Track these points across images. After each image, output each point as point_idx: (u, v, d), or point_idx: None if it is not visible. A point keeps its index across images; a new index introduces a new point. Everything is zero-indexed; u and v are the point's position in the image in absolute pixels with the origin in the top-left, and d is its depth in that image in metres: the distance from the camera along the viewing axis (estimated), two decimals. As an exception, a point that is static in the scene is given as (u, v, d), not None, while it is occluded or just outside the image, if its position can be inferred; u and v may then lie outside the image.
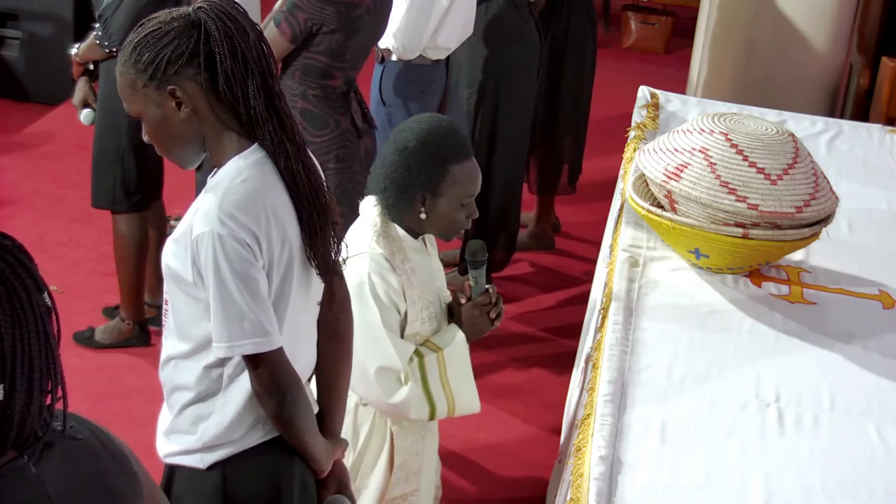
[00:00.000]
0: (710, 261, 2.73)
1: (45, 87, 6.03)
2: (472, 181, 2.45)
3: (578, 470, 2.11)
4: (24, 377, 1.28)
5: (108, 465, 1.41)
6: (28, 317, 1.29)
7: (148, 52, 1.88)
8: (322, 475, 2.15)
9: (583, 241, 5.19)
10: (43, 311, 1.31)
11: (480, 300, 2.58)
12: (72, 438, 1.37)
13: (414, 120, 2.49)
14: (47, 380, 1.32)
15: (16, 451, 1.30)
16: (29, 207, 5.03)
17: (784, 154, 2.64)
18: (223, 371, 2.00)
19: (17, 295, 1.28)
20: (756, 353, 2.50)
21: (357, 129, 3.43)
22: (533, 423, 3.90)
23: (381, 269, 2.42)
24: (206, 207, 1.90)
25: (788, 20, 4.95)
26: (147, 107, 1.92)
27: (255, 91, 1.91)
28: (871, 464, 2.18)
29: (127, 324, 4.07)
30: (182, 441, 2.05)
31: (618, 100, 6.16)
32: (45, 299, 1.32)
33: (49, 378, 1.32)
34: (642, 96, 3.84)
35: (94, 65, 3.83)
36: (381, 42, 3.96)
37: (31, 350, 1.29)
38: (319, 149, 3.35)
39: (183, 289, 1.96)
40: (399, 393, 2.44)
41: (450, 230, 2.50)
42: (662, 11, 8.29)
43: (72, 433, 1.37)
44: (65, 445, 1.36)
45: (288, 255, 1.97)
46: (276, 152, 1.95)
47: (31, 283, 1.30)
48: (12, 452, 1.30)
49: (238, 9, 1.93)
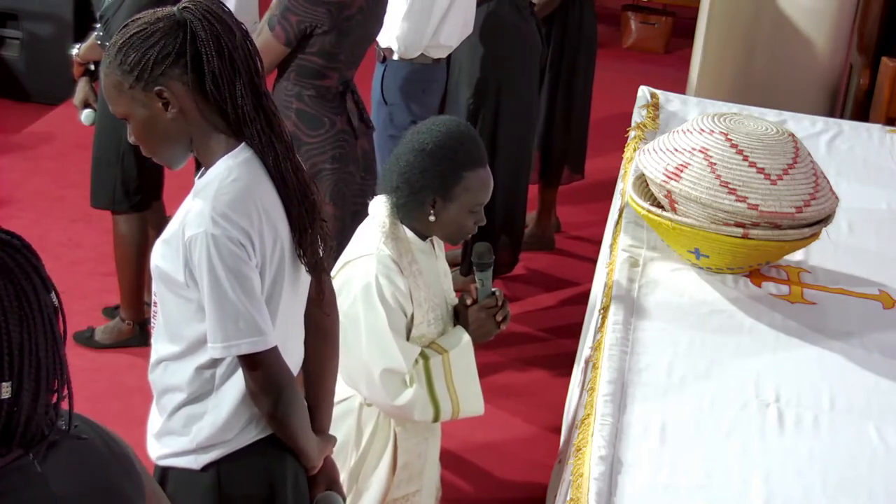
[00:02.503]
0: (710, 261, 2.73)
1: (45, 87, 6.02)
2: (485, 189, 2.46)
3: (578, 470, 2.11)
4: (31, 375, 1.28)
5: (111, 465, 1.41)
6: (35, 315, 1.29)
7: (134, 53, 1.88)
8: (313, 472, 2.16)
9: (583, 241, 5.19)
10: (50, 311, 1.31)
11: (487, 303, 2.58)
12: (76, 438, 1.37)
13: (433, 122, 2.48)
14: (54, 378, 1.32)
15: (21, 449, 1.30)
16: (29, 207, 5.03)
17: (784, 154, 2.64)
18: (215, 371, 2.00)
19: (24, 294, 1.28)
20: (756, 353, 2.51)
21: (353, 130, 3.41)
22: (533, 423, 3.90)
23: (388, 270, 2.41)
24: (197, 209, 1.90)
25: (788, 20, 4.95)
26: (133, 108, 1.92)
27: (243, 90, 1.91)
28: (871, 464, 2.18)
29: (127, 324, 4.07)
30: (175, 443, 2.05)
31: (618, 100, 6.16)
32: (52, 299, 1.32)
33: (56, 377, 1.32)
34: (642, 96, 3.84)
35: (94, 65, 3.83)
36: (382, 41, 3.96)
37: (38, 348, 1.29)
38: (315, 149, 3.34)
39: (173, 290, 1.96)
40: (404, 395, 2.44)
41: (456, 235, 2.50)
42: (662, 11, 8.28)
43: (76, 432, 1.38)
44: (70, 445, 1.36)
45: (279, 252, 1.97)
46: (265, 151, 1.95)
47: (39, 282, 1.30)
48: (18, 451, 1.30)
49: (223, 8, 1.93)
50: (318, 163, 3.33)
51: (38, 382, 1.29)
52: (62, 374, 1.33)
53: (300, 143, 3.31)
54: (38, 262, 1.32)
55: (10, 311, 1.27)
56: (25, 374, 1.28)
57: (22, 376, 1.27)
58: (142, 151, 2.00)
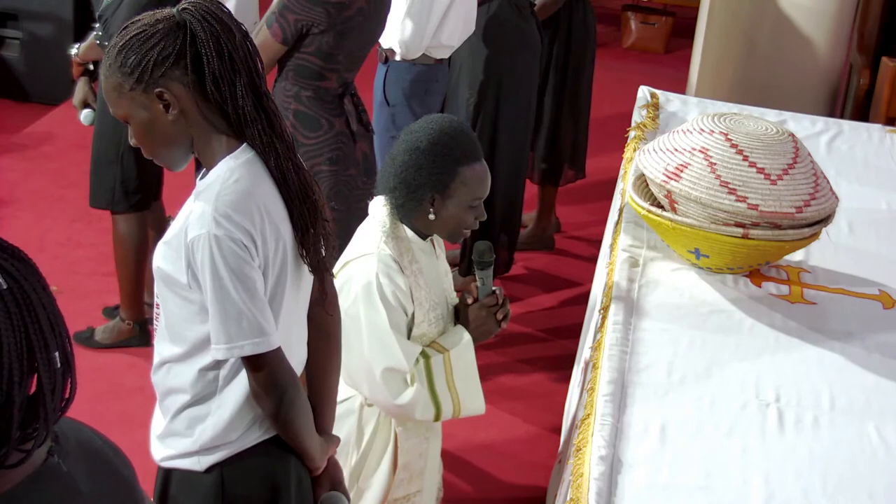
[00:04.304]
0: (710, 261, 2.73)
1: (45, 87, 6.02)
2: (482, 183, 2.45)
3: (578, 470, 2.11)
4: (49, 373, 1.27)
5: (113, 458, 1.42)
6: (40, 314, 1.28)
7: (133, 55, 1.88)
8: (317, 473, 2.16)
9: (583, 241, 5.19)
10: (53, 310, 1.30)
11: (487, 301, 2.58)
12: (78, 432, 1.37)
13: (425, 120, 2.48)
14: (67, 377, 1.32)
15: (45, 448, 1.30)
16: (29, 207, 5.03)
17: (784, 154, 2.64)
18: (218, 373, 2.00)
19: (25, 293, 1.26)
20: (756, 353, 2.51)
21: (352, 132, 3.40)
22: (533, 424, 3.90)
23: (388, 269, 2.41)
24: (200, 210, 1.89)
25: (788, 20, 4.95)
26: (134, 110, 1.92)
27: (243, 91, 1.91)
28: (871, 463, 2.18)
29: (127, 324, 4.07)
30: (178, 444, 2.05)
31: (618, 100, 6.17)
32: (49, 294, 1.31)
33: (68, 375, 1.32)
34: (642, 96, 3.84)
35: (93, 65, 3.83)
36: (383, 42, 3.95)
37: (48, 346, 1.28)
38: (312, 150, 3.33)
39: (176, 291, 1.96)
40: (405, 394, 2.44)
41: (457, 232, 2.50)
42: (662, 11, 8.29)
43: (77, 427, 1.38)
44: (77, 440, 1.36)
45: (282, 253, 1.97)
46: (266, 151, 1.95)
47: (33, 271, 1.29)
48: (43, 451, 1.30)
49: (223, 8, 1.93)
50: (315, 164, 3.32)
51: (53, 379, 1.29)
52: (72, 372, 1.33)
53: (298, 144, 3.30)
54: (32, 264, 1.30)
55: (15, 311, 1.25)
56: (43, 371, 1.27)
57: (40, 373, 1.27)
58: (143, 153, 2.00)
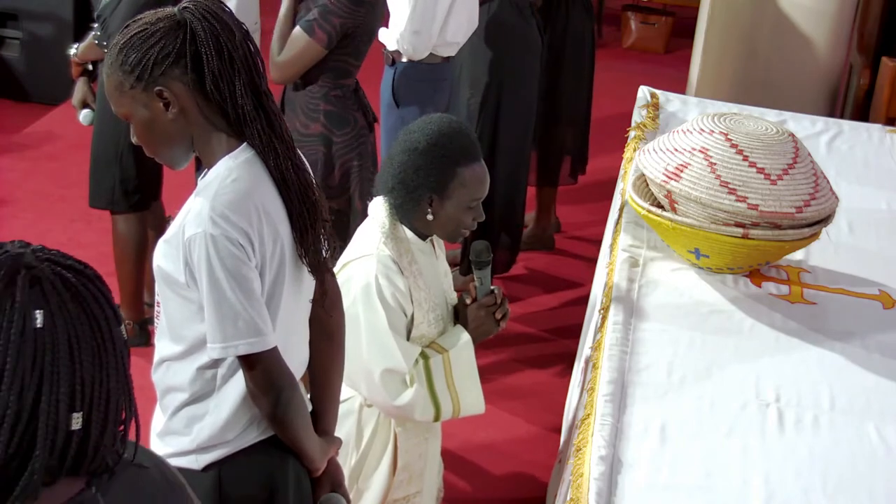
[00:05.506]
0: (710, 261, 2.73)
1: (45, 87, 6.02)
2: (480, 184, 2.45)
3: (578, 470, 2.11)
4: (100, 407, 1.28)
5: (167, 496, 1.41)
6: (108, 347, 1.28)
7: (134, 54, 1.88)
8: (317, 474, 2.15)
9: (583, 241, 5.19)
10: (121, 343, 1.31)
11: (486, 301, 2.58)
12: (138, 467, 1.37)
13: (424, 121, 2.47)
14: (122, 409, 1.32)
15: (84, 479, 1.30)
16: (29, 207, 5.03)
17: (784, 154, 2.64)
18: (217, 372, 2.00)
19: (98, 324, 1.28)
20: (756, 353, 2.50)
21: (369, 125, 3.50)
22: (533, 424, 3.90)
23: (388, 270, 2.41)
24: (197, 209, 1.90)
25: (788, 20, 4.95)
26: (135, 108, 1.93)
27: (243, 90, 1.91)
28: (871, 463, 2.18)
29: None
30: (176, 442, 2.05)
31: (618, 100, 6.16)
32: (122, 332, 1.32)
33: (124, 408, 1.32)
34: (642, 96, 3.84)
35: (93, 65, 3.83)
36: (389, 45, 3.96)
37: (109, 380, 1.28)
38: (343, 147, 3.38)
39: (175, 290, 1.96)
40: (404, 395, 2.44)
41: (455, 232, 2.50)
42: (662, 11, 8.28)
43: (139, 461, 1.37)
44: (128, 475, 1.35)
45: (280, 253, 1.97)
46: (265, 151, 1.95)
47: (111, 312, 1.30)
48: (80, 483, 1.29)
49: (223, 8, 1.93)
50: (346, 161, 3.37)
51: (107, 414, 1.29)
52: (130, 405, 1.33)
53: (330, 143, 3.35)
54: (109, 293, 1.32)
55: (83, 341, 1.26)
56: (95, 406, 1.27)
57: (91, 407, 1.27)
58: (144, 152, 2.01)
